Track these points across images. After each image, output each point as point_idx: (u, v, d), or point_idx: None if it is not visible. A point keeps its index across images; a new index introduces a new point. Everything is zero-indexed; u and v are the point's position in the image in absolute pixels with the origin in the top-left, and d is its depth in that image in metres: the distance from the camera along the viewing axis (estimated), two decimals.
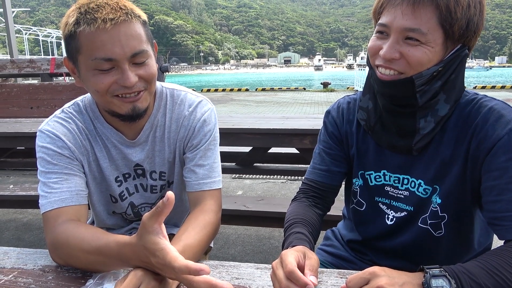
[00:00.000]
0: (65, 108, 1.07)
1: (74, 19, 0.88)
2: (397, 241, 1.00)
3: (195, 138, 1.09)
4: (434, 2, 0.80)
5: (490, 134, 0.82)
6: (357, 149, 1.06)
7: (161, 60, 5.11)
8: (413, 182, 0.95)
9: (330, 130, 1.11)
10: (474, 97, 0.90)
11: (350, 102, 1.10)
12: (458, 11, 0.80)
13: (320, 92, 19.64)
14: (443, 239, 0.95)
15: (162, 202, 0.68)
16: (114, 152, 1.09)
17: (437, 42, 0.83)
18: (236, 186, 4.24)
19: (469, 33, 0.83)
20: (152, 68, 0.96)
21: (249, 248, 2.76)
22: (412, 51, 0.84)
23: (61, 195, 0.95)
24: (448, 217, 0.92)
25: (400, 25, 0.83)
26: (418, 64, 0.84)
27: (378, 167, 1.01)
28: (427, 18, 0.81)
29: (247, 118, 3.33)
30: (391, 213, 1.00)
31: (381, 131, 0.98)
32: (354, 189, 1.08)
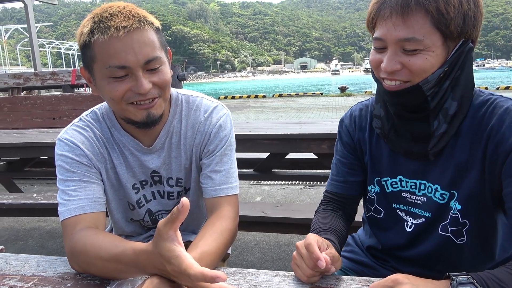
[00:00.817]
0: (83, 116, 1.08)
1: (88, 29, 0.90)
2: (418, 250, 0.97)
3: (211, 144, 1.09)
4: (423, 7, 0.78)
5: (507, 136, 0.79)
6: (371, 156, 1.03)
7: (178, 68, 5.18)
8: (429, 187, 0.92)
9: (344, 139, 1.09)
10: (488, 97, 0.86)
11: (362, 109, 1.08)
12: (450, 11, 0.78)
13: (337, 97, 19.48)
14: (466, 247, 0.91)
15: (177, 208, 0.67)
16: (131, 159, 1.09)
17: (436, 45, 0.81)
18: (254, 193, 4.22)
19: (468, 28, 0.81)
20: (166, 75, 0.96)
21: (268, 255, 2.73)
22: (413, 60, 0.82)
23: (79, 202, 0.96)
24: (470, 224, 0.89)
25: (394, 37, 0.82)
26: (421, 71, 0.82)
27: (393, 173, 0.99)
28: (420, 25, 0.79)
29: (264, 123, 3.32)
30: (410, 219, 0.97)
31: (395, 138, 0.95)
32: (370, 196, 1.06)
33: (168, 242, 0.70)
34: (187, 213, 0.68)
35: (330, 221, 1.03)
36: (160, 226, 0.70)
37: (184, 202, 0.67)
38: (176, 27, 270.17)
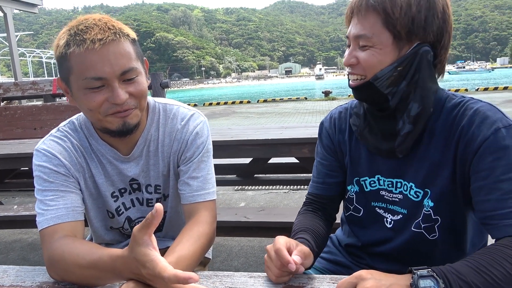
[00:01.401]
0: (61, 127, 1.10)
1: (64, 41, 0.92)
2: (393, 245, 1.01)
3: (188, 151, 1.11)
4: (374, 8, 0.87)
5: (476, 135, 0.84)
6: (350, 156, 1.08)
7: (161, 76, 5.17)
8: (405, 185, 0.97)
9: (325, 142, 1.14)
10: (460, 100, 0.92)
11: (342, 112, 1.13)
12: (396, 12, 0.85)
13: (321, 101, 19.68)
14: (438, 242, 0.95)
15: (151, 214, 0.70)
16: (110, 168, 1.11)
17: (385, 44, 0.88)
18: (238, 198, 4.25)
19: (418, 30, 0.87)
20: (142, 85, 0.98)
21: (252, 259, 2.76)
22: (362, 54, 0.92)
23: (57, 212, 0.97)
24: (441, 220, 0.93)
25: (352, 34, 0.93)
26: (369, 66, 0.91)
27: (372, 173, 1.03)
28: (371, 24, 0.88)
29: (246, 129, 3.35)
30: (389, 216, 1.02)
31: (369, 135, 1.01)
32: (350, 195, 1.10)
33: (143, 247, 0.73)
34: (160, 218, 0.71)
35: (309, 222, 1.06)
36: (135, 232, 0.73)
37: (157, 207, 0.70)
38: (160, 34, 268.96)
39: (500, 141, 0.81)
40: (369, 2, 0.88)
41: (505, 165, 0.80)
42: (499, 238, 0.79)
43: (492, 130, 0.82)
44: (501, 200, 0.79)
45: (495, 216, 0.80)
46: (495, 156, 0.81)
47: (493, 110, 0.86)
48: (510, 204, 0.79)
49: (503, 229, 0.79)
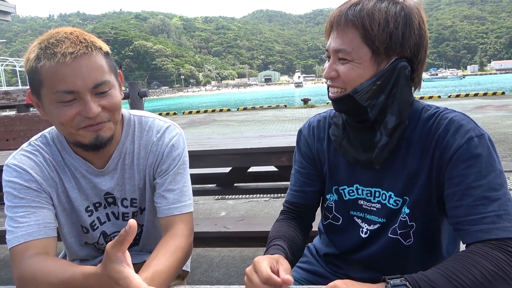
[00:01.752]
0: (32, 141, 1.07)
1: (34, 55, 0.90)
2: (369, 252, 1.03)
3: (164, 163, 1.10)
4: (353, 24, 0.89)
5: (451, 143, 0.87)
6: (329, 165, 1.09)
7: (139, 85, 5.12)
8: (384, 194, 0.99)
9: (303, 150, 1.14)
10: (435, 110, 0.95)
11: (320, 120, 1.14)
12: (374, 28, 0.87)
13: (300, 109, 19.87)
14: (413, 248, 0.97)
15: (125, 230, 0.69)
16: (83, 182, 1.09)
17: (364, 59, 0.90)
18: (219, 208, 4.22)
19: (395, 46, 0.89)
20: (115, 98, 0.97)
21: (233, 270, 2.74)
22: (342, 68, 0.93)
23: (28, 228, 0.95)
24: (416, 226, 0.95)
25: (332, 48, 0.94)
26: (349, 79, 0.92)
27: (350, 182, 1.04)
28: (350, 39, 0.90)
29: (225, 138, 3.35)
30: (365, 226, 1.03)
31: (348, 146, 1.02)
32: (329, 204, 1.11)
33: (116, 263, 0.71)
34: (134, 234, 0.70)
35: (285, 230, 1.06)
36: (109, 248, 0.71)
37: (131, 223, 0.69)
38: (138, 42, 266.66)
39: (472, 150, 0.84)
40: (348, 18, 0.89)
41: (477, 173, 0.83)
42: (469, 244, 0.82)
43: (465, 139, 0.85)
44: (472, 206, 0.82)
45: (466, 221, 0.83)
46: (468, 164, 0.84)
47: (467, 120, 0.89)
48: (480, 210, 0.81)
49: (474, 234, 0.81)
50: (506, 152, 5.95)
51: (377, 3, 0.89)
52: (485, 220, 0.80)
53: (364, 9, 0.88)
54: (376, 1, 0.89)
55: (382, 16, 0.87)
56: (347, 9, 0.91)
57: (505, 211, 0.80)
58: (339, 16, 0.91)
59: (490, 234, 0.79)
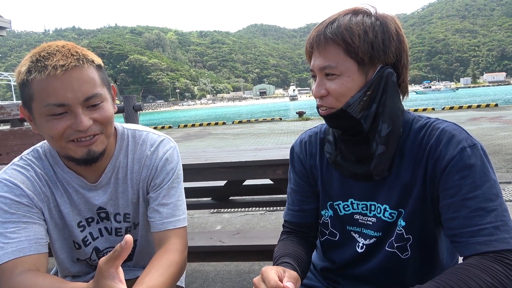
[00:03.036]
0: (24, 155, 1.06)
1: (25, 68, 0.90)
2: (366, 267, 1.01)
3: (158, 177, 1.09)
4: (333, 41, 0.89)
5: (444, 154, 0.86)
6: (323, 181, 1.08)
7: (134, 99, 5.12)
8: (379, 207, 0.98)
9: (297, 168, 1.13)
10: (426, 121, 0.94)
11: (312, 136, 1.13)
12: (355, 40, 0.87)
13: (296, 122, 19.94)
14: (410, 261, 0.96)
15: (120, 245, 0.67)
16: (76, 196, 1.07)
17: (352, 71, 0.90)
18: (214, 221, 4.18)
19: (378, 54, 0.89)
20: (107, 111, 0.96)
21: (228, 284, 2.69)
22: (332, 85, 0.92)
23: (18, 244, 0.92)
24: (413, 239, 0.94)
25: (317, 66, 0.94)
26: (340, 95, 0.92)
27: (344, 196, 1.03)
28: (333, 54, 0.90)
29: (220, 152, 3.33)
30: (361, 240, 1.02)
31: (342, 162, 1.01)
32: (324, 220, 1.09)
33: (109, 280, 0.70)
34: (129, 250, 0.69)
35: (291, 248, 1.05)
36: (101, 264, 0.70)
37: (127, 239, 0.67)
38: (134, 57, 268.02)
39: (465, 160, 0.84)
40: (327, 36, 0.90)
41: (471, 183, 0.82)
42: (467, 256, 0.81)
43: (458, 149, 0.85)
44: (468, 218, 0.81)
45: (463, 233, 0.82)
46: (461, 175, 0.83)
47: (459, 130, 0.89)
48: (477, 222, 0.80)
49: (471, 246, 0.80)
50: (500, 164, 5.98)
51: (352, 17, 0.90)
52: (482, 232, 0.79)
53: (341, 25, 0.89)
54: (351, 16, 0.90)
55: (360, 28, 0.88)
56: (324, 28, 0.91)
57: (502, 222, 0.79)
58: (317, 36, 0.92)
59: (488, 246, 0.78)
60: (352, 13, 0.91)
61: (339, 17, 0.91)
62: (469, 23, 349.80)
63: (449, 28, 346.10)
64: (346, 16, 0.91)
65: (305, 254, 1.06)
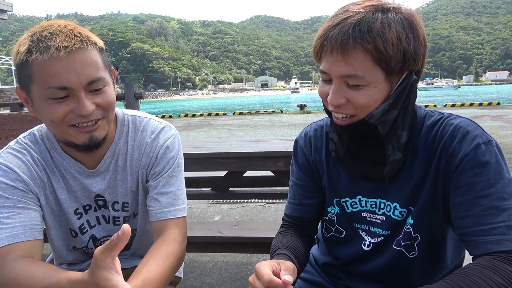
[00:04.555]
0: (20, 138, 1.03)
1: (26, 48, 0.85)
2: (372, 265, 0.99)
3: (158, 165, 1.06)
4: (361, 46, 0.78)
5: (457, 150, 0.83)
6: (329, 177, 1.04)
7: (135, 87, 5.07)
8: (388, 205, 0.94)
9: (300, 161, 1.09)
10: (439, 117, 0.91)
11: (317, 129, 1.09)
12: (388, 49, 0.78)
13: (297, 115, 19.88)
14: (417, 260, 0.93)
15: (117, 235, 0.65)
16: (73, 183, 1.04)
17: (378, 81, 0.82)
18: (213, 212, 4.17)
19: (409, 63, 0.82)
20: (110, 96, 0.93)
21: (226, 275, 2.68)
22: (357, 95, 0.83)
23: (13, 230, 0.90)
24: (421, 238, 0.91)
25: (337, 73, 0.83)
26: (365, 107, 0.84)
27: (353, 193, 1.00)
28: (360, 62, 0.80)
29: (221, 142, 3.30)
30: (368, 239, 0.99)
31: (352, 161, 0.97)
32: (330, 217, 1.06)
33: (104, 270, 0.67)
34: (127, 240, 0.66)
35: (288, 240, 1.02)
36: (97, 254, 0.67)
37: (125, 229, 0.64)
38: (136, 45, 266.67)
39: (480, 157, 0.80)
40: (357, 40, 0.78)
41: (485, 181, 0.79)
42: (477, 255, 0.78)
43: (472, 146, 0.81)
44: (481, 216, 0.78)
45: (474, 232, 0.79)
46: (475, 172, 0.80)
47: (473, 126, 0.85)
48: (489, 221, 0.77)
49: (482, 246, 0.77)
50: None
51: (383, 18, 0.79)
52: (494, 231, 0.76)
53: (372, 28, 0.78)
54: (381, 16, 0.79)
55: (394, 35, 0.78)
56: (351, 28, 0.79)
57: None
58: (342, 37, 0.79)
59: (500, 245, 0.75)
60: (381, 11, 0.80)
61: (366, 15, 0.79)
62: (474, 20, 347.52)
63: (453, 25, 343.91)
64: (375, 14, 0.79)
65: (303, 248, 1.03)
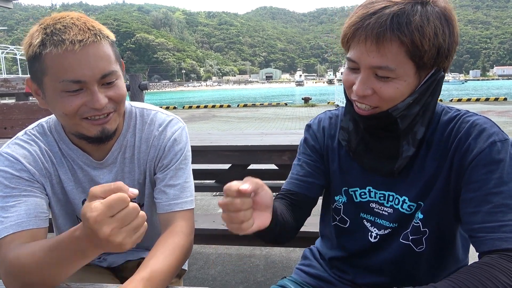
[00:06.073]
0: (28, 130, 1.03)
1: (39, 40, 0.85)
2: (379, 257, 0.99)
3: (165, 158, 1.06)
4: (398, 38, 0.77)
5: (472, 147, 0.82)
6: (340, 166, 1.04)
7: (140, 78, 5.07)
8: (397, 199, 0.94)
9: (311, 144, 1.09)
10: (456, 113, 0.90)
11: (332, 118, 1.09)
12: (425, 44, 0.77)
13: (301, 107, 19.84)
14: (424, 255, 0.94)
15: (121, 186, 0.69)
16: (81, 174, 1.05)
17: (408, 74, 0.81)
18: (216, 204, 4.18)
19: (441, 59, 0.82)
20: (121, 89, 0.94)
21: (229, 267, 2.70)
22: (384, 87, 0.82)
23: (18, 218, 0.90)
24: (429, 232, 0.91)
25: (367, 63, 0.81)
26: (391, 99, 0.84)
27: (363, 184, 1.00)
28: (394, 54, 0.79)
29: (226, 135, 3.31)
30: (374, 230, 0.99)
31: (364, 153, 0.96)
32: (337, 206, 1.06)
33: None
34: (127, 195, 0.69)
35: (276, 204, 0.97)
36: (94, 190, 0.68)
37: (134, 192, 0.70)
38: (140, 35, 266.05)
39: (494, 154, 0.80)
40: (395, 32, 0.77)
41: (498, 178, 0.79)
42: (484, 252, 0.77)
43: (488, 143, 0.81)
44: (491, 213, 0.78)
45: (482, 229, 0.78)
46: (489, 169, 0.80)
47: (490, 124, 0.85)
48: (499, 218, 0.77)
49: (490, 242, 0.77)
50: None
51: (422, 11, 0.78)
52: (503, 228, 0.76)
53: (411, 21, 0.76)
54: (420, 9, 0.78)
55: (431, 30, 0.77)
56: (389, 19, 0.77)
57: None
58: (380, 27, 0.77)
59: (508, 243, 0.75)
60: (420, 4, 0.78)
61: (406, 6, 0.77)
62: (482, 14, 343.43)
63: (461, 19, 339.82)
64: (415, 7, 0.78)
65: (289, 216, 1.00)
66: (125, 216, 0.67)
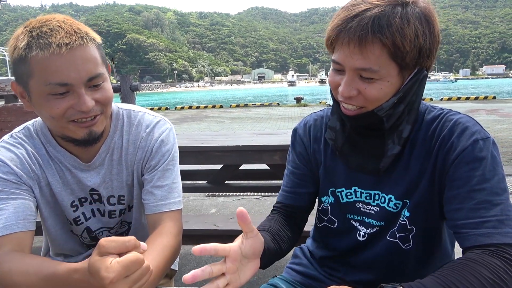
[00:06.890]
0: (14, 133, 1.03)
1: (25, 43, 0.85)
2: (368, 255, 1.00)
3: (153, 159, 1.06)
4: (380, 41, 0.79)
5: (455, 145, 0.84)
6: (325, 167, 1.05)
7: (131, 79, 5.04)
8: (383, 197, 0.96)
9: (298, 150, 1.10)
10: (439, 112, 0.92)
11: (317, 119, 1.09)
12: (406, 45, 0.79)
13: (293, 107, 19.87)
14: (412, 252, 0.95)
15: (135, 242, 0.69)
16: (69, 176, 1.05)
17: (392, 75, 0.83)
18: (209, 205, 4.18)
19: (423, 59, 0.83)
20: (108, 91, 0.94)
21: None
22: (369, 88, 0.84)
23: (6, 221, 0.90)
24: (416, 230, 0.93)
25: (351, 65, 0.83)
26: (376, 100, 0.85)
27: (349, 184, 1.01)
28: (376, 56, 0.80)
29: (217, 135, 3.31)
30: (362, 229, 1.00)
31: (349, 152, 0.98)
32: (324, 207, 1.07)
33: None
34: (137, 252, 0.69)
35: (270, 224, 1.01)
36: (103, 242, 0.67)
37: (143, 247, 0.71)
38: (132, 36, 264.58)
39: (477, 152, 0.82)
40: (376, 34, 0.78)
41: (480, 176, 0.81)
42: (468, 247, 0.79)
43: (471, 141, 0.83)
44: (473, 210, 0.80)
45: (466, 225, 0.80)
46: (471, 166, 0.82)
47: (472, 122, 0.87)
48: (482, 214, 0.79)
49: (473, 238, 0.78)
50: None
51: (402, 12, 0.79)
52: (486, 224, 0.78)
53: (391, 24, 0.78)
54: (400, 10, 0.79)
55: (412, 32, 0.79)
56: (370, 22, 0.78)
57: (507, 217, 0.78)
58: (361, 30, 0.79)
59: (491, 238, 0.76)
60: (400, 5, 0.80)
61: (386, 8, 0.79)
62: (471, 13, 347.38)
63: (451, 18, 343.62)
64: (395, 9, 0.79)
65: (285, 231, 1.02)
66: (139, 276, 0.69)
